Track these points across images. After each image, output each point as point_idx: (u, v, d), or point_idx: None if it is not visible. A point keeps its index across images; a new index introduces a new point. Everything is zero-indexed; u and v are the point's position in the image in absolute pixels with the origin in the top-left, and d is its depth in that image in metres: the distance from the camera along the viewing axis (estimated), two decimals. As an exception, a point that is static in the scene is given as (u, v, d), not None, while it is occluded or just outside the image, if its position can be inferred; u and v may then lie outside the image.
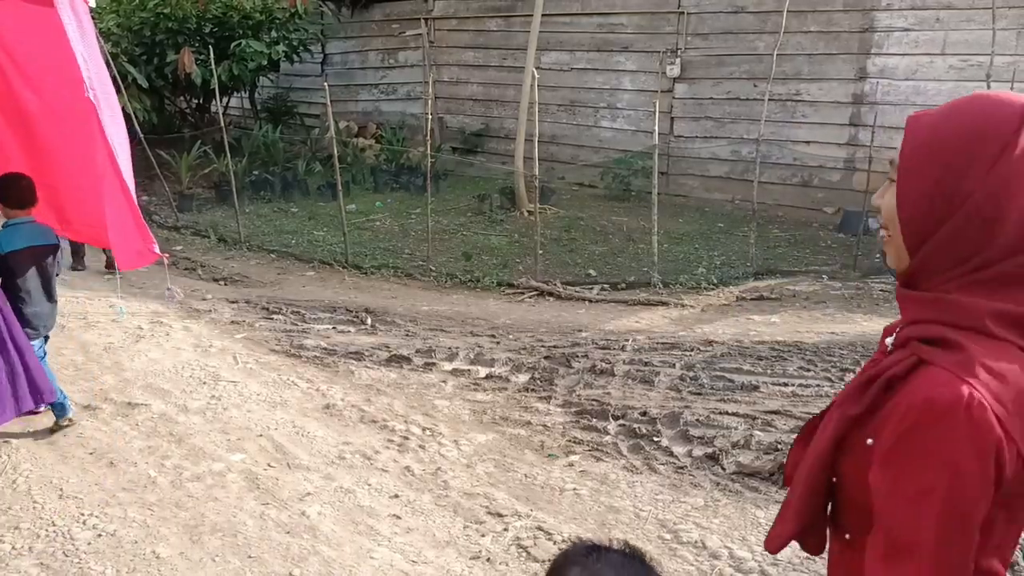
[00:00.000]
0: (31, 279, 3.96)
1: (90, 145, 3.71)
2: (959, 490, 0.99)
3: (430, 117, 9.33)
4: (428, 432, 4.25)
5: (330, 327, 6.00)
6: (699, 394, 4.74)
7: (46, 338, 4.25)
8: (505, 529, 3.36)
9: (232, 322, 6.11)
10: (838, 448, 1.15)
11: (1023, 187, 1.03)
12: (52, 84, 3.74)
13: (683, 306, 6.68)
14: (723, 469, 3.88)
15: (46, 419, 4.29)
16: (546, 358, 5.32)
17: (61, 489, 3.61)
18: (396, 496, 3.63)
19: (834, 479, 1.18)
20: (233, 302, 6.62)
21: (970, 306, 1.04)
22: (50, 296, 4.10)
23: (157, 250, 3.94)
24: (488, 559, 3.16)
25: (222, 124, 9.73)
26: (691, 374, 5.02)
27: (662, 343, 5.66)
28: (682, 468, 3.90)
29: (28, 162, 3.96)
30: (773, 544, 1.29)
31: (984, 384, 0.99)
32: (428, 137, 8.64)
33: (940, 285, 1.07)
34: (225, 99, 12.29)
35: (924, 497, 1.02)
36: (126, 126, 3.92)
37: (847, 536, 1.20)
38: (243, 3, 11.54)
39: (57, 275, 4.20)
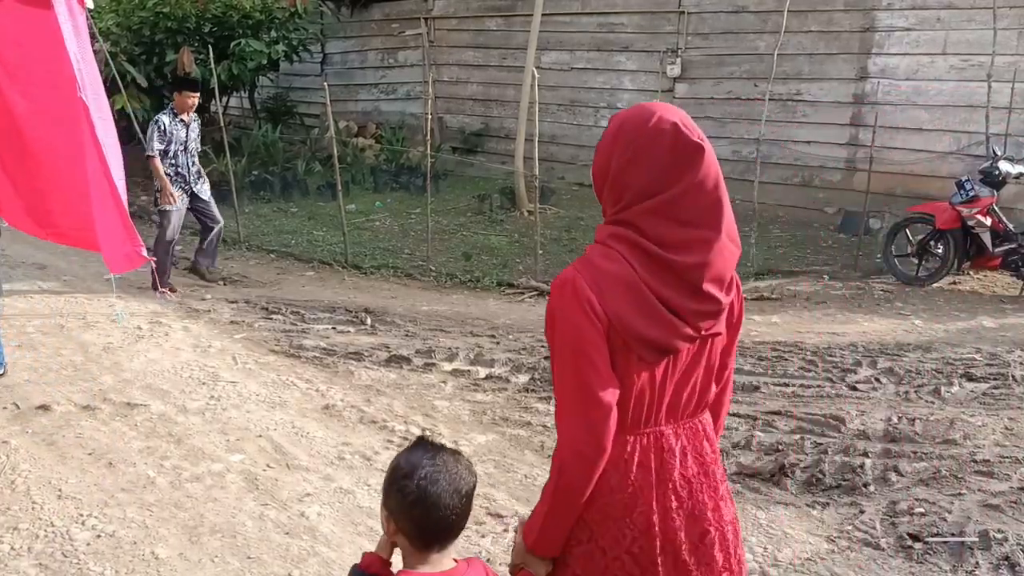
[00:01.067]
0: None
1: (80, 147, 3.70)
2: (574, 331, 1.58)
3: (430, 117, 9.32)
4: (428, 433, 4.24)
5: (330, 327, 5.99)
6: (700, 394, 4.73)
7: None
8: (505, 530, 3.35)
9: (231, 322, 6.10)
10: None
11: (638, 169, 1.61)
12: (44, 87, 3.71)
13: (683, 306, 6.66)
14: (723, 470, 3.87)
15: (44, 419, 4.29)
16: (546, 358, 5.31)
17: (60, 490, 3.60)
18: (396, 497, 3.62)
19: None
20: (232, 302, 6.61)
21: (601, 230, 1.67)
22: None
23: (145, 253, 3.92)
24: (488, 560, 3.15)
25: (222, 124, 9.71)
26: (692, 374, 5.01)
27: (662, 343, 5.64)
28: (683, 469, 3.89)
29: (16, 165, 3.92)
30: None
31: (585, 269, 1.61)
32: (428, 137, 8.64)
33: (607, 220, 1.67)
34: (225, 99, 12.27)
35: (559, 345, 1.61)
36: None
37: None
38: (243, 2, 11.52)
39: None
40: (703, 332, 1.67)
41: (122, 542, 3.21)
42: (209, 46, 10.18)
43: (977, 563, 3.11)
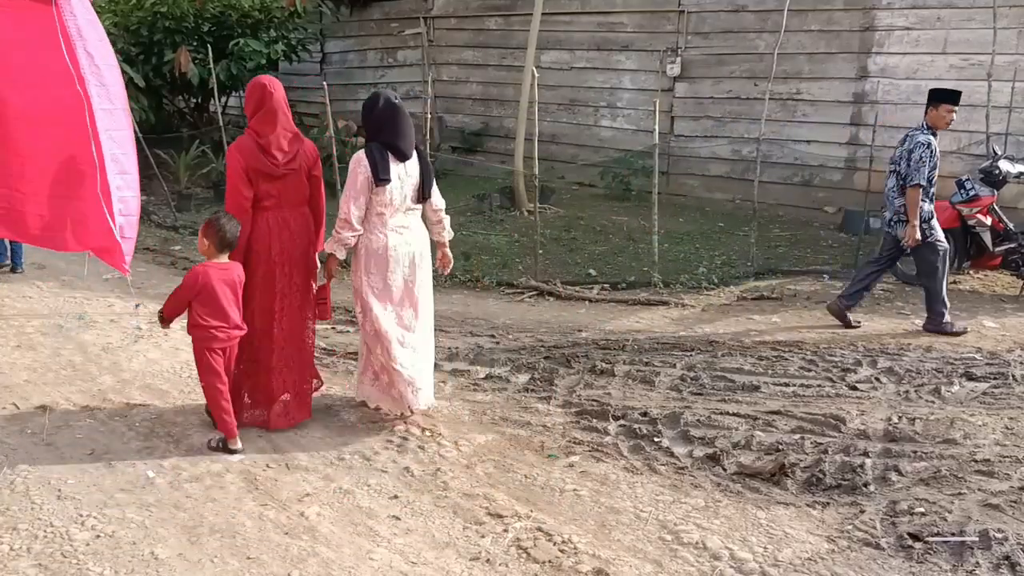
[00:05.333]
0: None
1: (74, 148, 3.65)
2: (232, 169, 4.00)
3: (429, 116, 9.30)
4: (428, 433, 4.24)
5: (329, 327, 5.98)
6: (700, 394, 4.73)
7: None
8: (505, 530, 3.34)
9: (231, 322, 6.09)
10: None
11: (253, 102, 4.06)
12: (43, 86, 3.66)
13: (684, 306, 6.67)
14: (724, 470, 3.86)
15: (44, 419, 4.28)
16: (546, 358, 5.30)
17: (59, 490, 3.60)
18: (395, 497, 3.61)
19: None
20: (232, 302, 6.59)
21: (248, 129, 4.13)
22: None
23: (126, 266, 3.85)
24: (488, 560, 3.15)
25: (220, 123, 9.70)
26: (692, 374, 5.01)
27: (662, 343, 5.64)
28: (683, 469, 3.89)
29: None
30: None
31: (238, 143, 4.04)
32: (427, 137, 8.62)
33: (249, 124, 4.12)
34: (223, 98, 12.26)
35: (228, 173, 4.05)
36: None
37: None
38: (241, 2, 11.50)
39: None
40: (282, 170, 4.03)
41: (121, 542, 3.21)
42: (208, 46, 10.17)
43: (977, 563, 3.10)
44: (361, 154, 4.05)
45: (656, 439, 4.16)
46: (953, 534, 3.28)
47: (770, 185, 9.35)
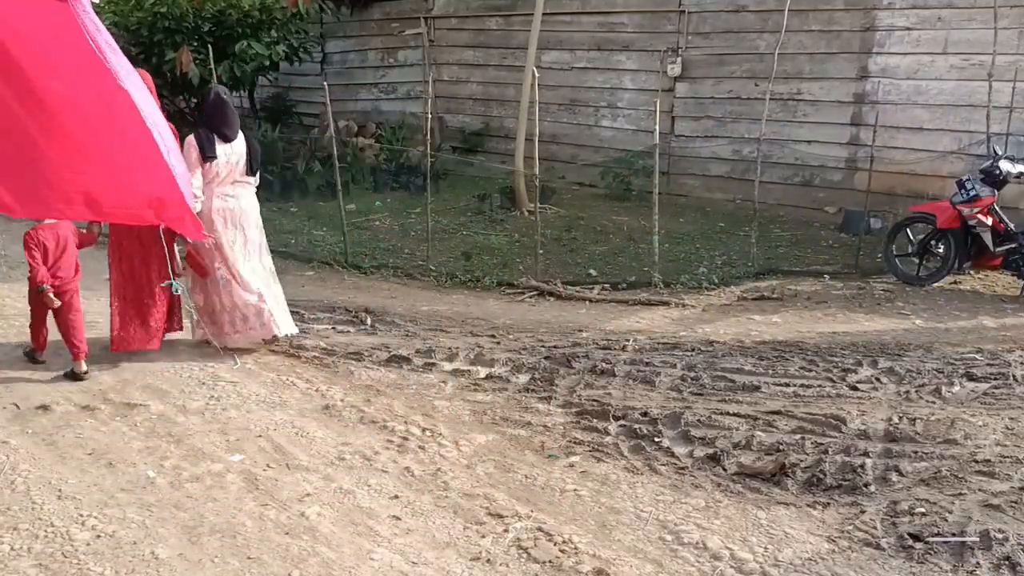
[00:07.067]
0: None
1: (123, 128, 3.76)
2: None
3: (430, 116, 9.30)
4: (428, 433, 4.24)
5: (329, 327, 5.98)
6: (700, 394, 4.72)
7: None
8: (505, 530, 3.34)
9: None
10: None
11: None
12: (74, 73, 3.72)
13: (684, 306, 6.66)
14: (724, 470, 3.86)
15: (44, 419, 4.29)
16: (546, 358, 5.30)
17: (60, 490, 3.60)
18: (396, 497, 3.61)
19: None
20: (233, 302, 6.59)
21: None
22: None
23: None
24: (488, 560, 3.15)
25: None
26: (692, 374, 5.01)
27: (663, 343, 5.64)
28: (683, 469, 3.88)
29: (54, 151, 3.89)
30: None
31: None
32: (428, 136, 8.63)
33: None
34: (225, 98, 12.25)
35: None
36: None
37: None
38: (242, 2, 11.50)
39: None
40: None
41: (122, 542, 3.21)
42: (208, 46, 10.17)
43: (978, 563, 3.10)
44: (192, 137, 5.07)
45: (657, 439, 4.15)
46: (954, 534, 3.27)
47: (770, 185, 9.34)
